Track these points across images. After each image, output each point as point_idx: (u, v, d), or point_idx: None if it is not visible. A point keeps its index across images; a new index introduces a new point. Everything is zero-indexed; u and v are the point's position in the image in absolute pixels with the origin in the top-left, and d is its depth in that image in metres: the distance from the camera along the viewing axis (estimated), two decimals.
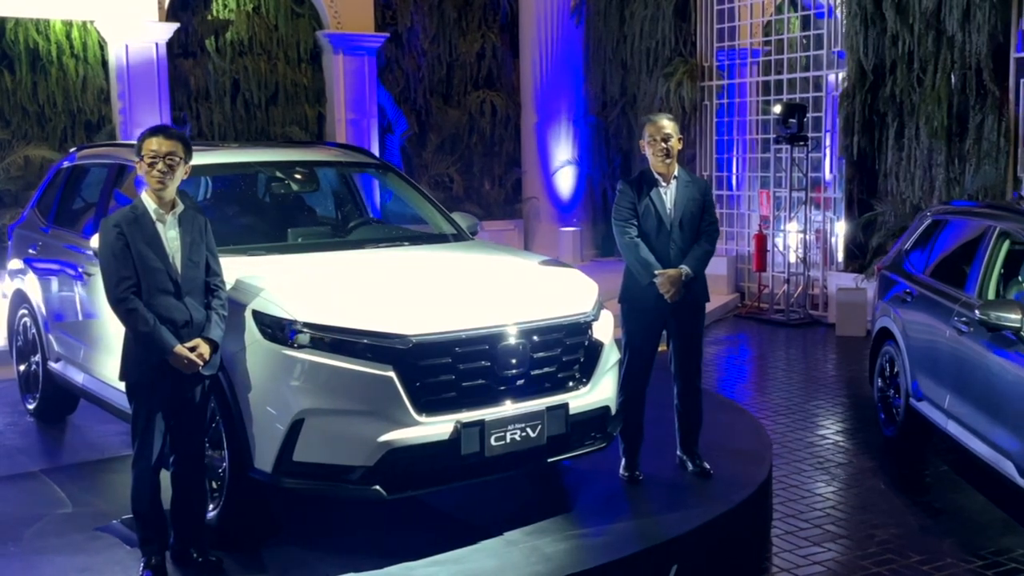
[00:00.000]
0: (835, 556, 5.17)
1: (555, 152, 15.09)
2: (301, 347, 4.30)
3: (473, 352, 4.42)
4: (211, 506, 4.55)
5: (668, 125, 5.19)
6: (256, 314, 4.41)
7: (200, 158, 4.70)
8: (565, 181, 15.16)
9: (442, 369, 4.36)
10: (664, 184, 5.25)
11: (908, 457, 6.72)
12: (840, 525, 5.58)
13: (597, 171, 15.24)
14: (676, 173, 5.28)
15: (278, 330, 4.34)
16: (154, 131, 4.19)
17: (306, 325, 4.31)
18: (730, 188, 13.45)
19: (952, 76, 10.41)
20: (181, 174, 4.17)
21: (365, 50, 13.89)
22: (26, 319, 6.78)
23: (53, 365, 6.38)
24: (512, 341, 4.50)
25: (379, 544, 4.55)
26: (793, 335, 11.18)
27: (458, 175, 15.19)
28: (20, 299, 6.84)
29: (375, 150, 13.38)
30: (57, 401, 6.58)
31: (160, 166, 4.07)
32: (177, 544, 4.30)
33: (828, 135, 12.30)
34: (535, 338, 4.58)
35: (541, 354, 4.61)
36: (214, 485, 4.60)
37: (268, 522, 4.73)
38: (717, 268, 12.08)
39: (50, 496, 5.25)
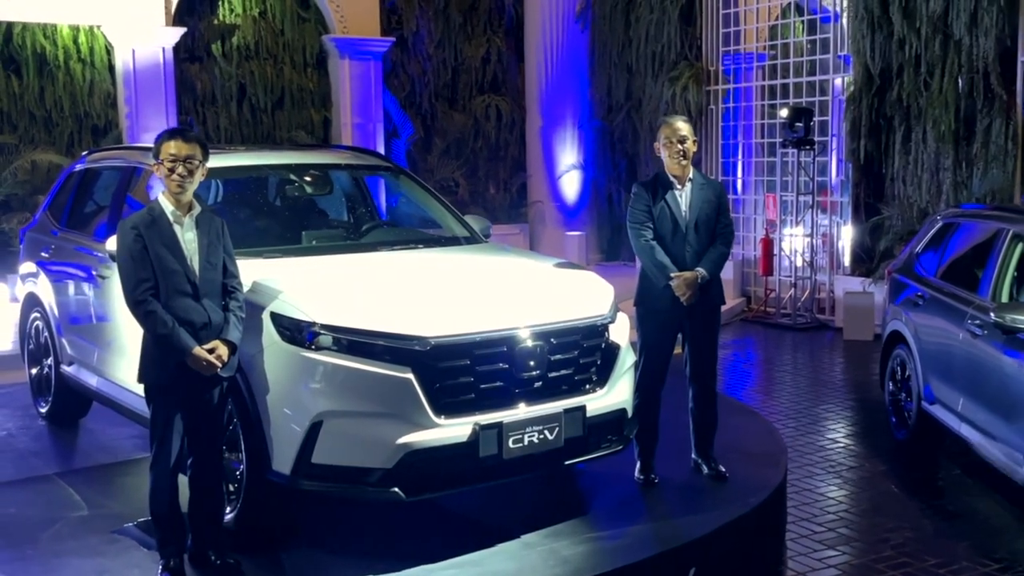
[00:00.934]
0: (850, 559, 5.17)
1: (560, 156, 15.10)
2: (319, 349, 4.29)
3: (491, 354, 4.42)
4: (228, 508, 4.54)
5: (684, 127, 5.19)
6: (274, 316, 4.40)
7: (215, 161, 4.69)
8: (570, 185, 15.18)
9: (460, 371, 4.36)
10: (679, 187, 5.25)
11: (920, 461, 6.71)
12: (854, 528, 5.57)
13: (602, 175, 15.26)
14: (691, 175, 5.28)
15: (296, 332, 4.34)
16: (172, 134, 4.19)
17: (324, 327, 4.30)
18: (735, 192, 13.46)
19: (959, 80, 10.42)
20: (199, 177, 4.17)
21: (371, 55, 13.92)
22: (38, 322, 6.78)
23: (66, 368, 6.37)
24: (530, 343, 4.50)
25: (397, 547, 4.55)
26: (800, 339, 11.18)
27: (463, 179, 15.22)
28: (32, 302, 6.83)
29: None
30: (70, 404, 6.58)
31: (180, 169, 4.07)
32: (195, 546, 4.29)
33: (834, 139, 12.31)
34: (552, 340, 4.58)
35: (558, 356, 4.60)
36: (231, 487, 4.60)
37: (286, 524, 4.72)
38: (723, 272, 12.07)
39: (65, 499, 5.25)
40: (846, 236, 12.10)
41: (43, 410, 6.79)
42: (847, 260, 12.05)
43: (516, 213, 15.56)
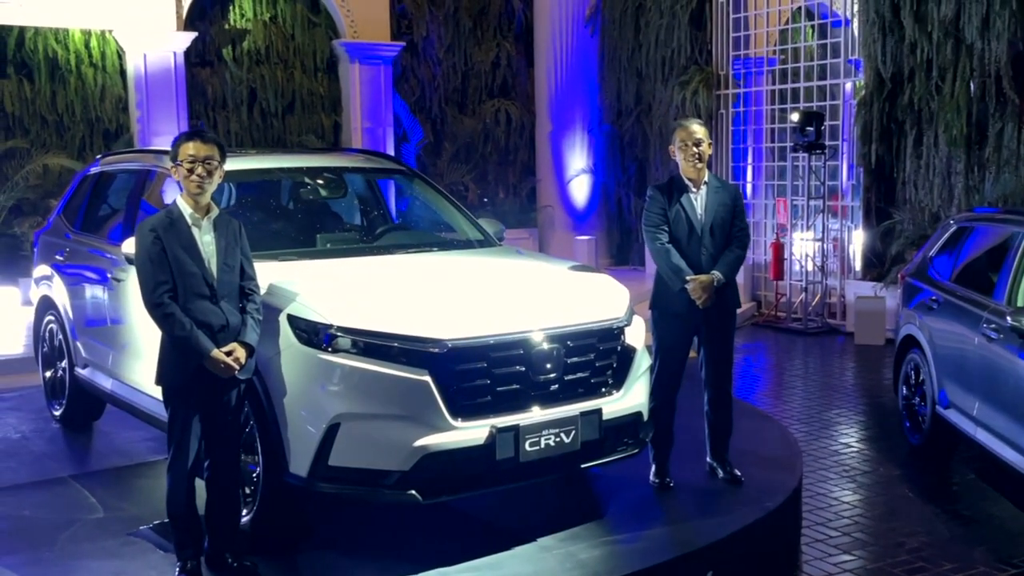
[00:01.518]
0: (865, 563, 5.14)
1: (570, 161, 15.11)
2: (336, 351, 4.29)
3: (508, 357, 4.42)
4: (244, 510, 4.54)
5: (699, 130, 5.19)
6: (291, 318, 4.41)
7: (230, 164, 4.70)
8: (580, 190, 15.18)
9: (477, 373, 4.36)
10: (695, 190, 5.24)
11: (935, 465, 6.69)
12: (869, 533, 5.55)
13: (612, 180, 15.26)
14: (706, 178, 5.28)
15: (313, 334, 4.34)
16: (190, 136, 4.21)
17: (341, 329, 4.31)
18: (745, 196, 13.44)
19: (971, 84, 10.40)
20: (218, 178, 4.19)
21: (381, 59, 13.95)
22: (52, 325, 6.79)
23: (80, 371, 6.38)
24: (546, 346, 4.50)
25: (413, 549, 4.55)
26: (811, 344, 11.16)
27: (473, 184, 15.24)
28: (47, 305, 6.85)
29: None
30: (84, 407, 6.59)
31: (199, 170, 4.08)
32: (211, 548, 4.29)
33: (845, 143, 12.30)
34: (569, 343, 4.58)
35: (575, 359, 4.60)
36: (247, 490, 4.60)
37: (302, 527, 4.72)
38: None
39: (81, 502, 5.25)
40: (857, 240, 12.07)
41: (57, 413, 6.81)
42: (858, 264, 12.03)
43: (525, 217, 15.56)
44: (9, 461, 6.10)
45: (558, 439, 4.49)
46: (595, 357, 4.69)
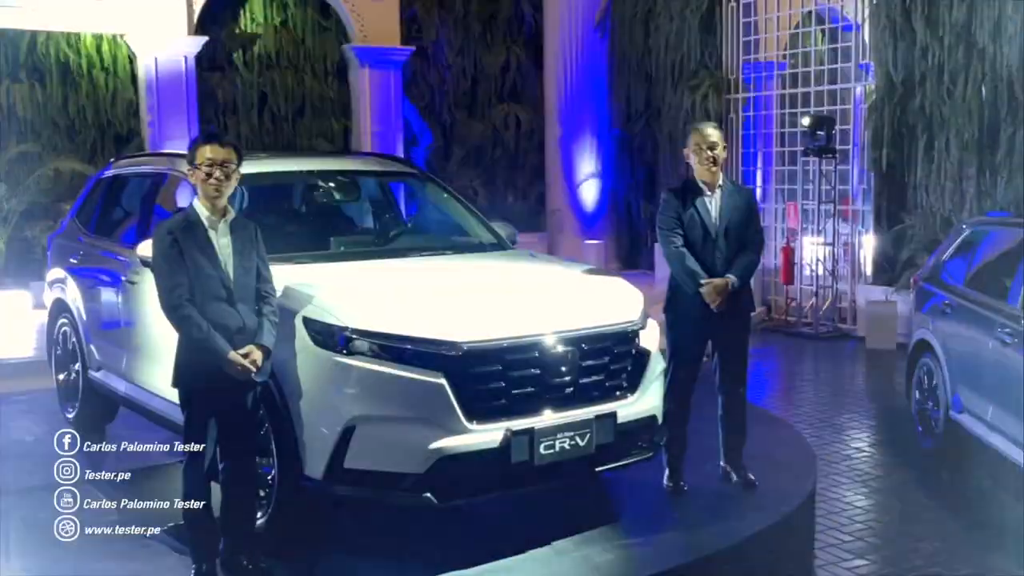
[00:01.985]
0: (879, 569, 5.14)
1: (579, 165, 15.11)
2: (352, 354, 4.30)
3: (523, 360, 4.42)
4: (259, 513, 4.54)
5: (714, 133, 5.19)
6: (307, 321, 4.41)
7: (246, 167, 4.71)
8: (589, 194, 15.18)
9: (492, 376, 4.35)
10: (709, 193, 5.23)
11: (948, 470, 6.67)
12: (883, 537, 5.55)
13: (621, 184, 15.25)
14: (720, 182, 5.27)
15: (329, 337, 4.34)
16: (207, 139, 4.21)
17: (357, 332, 4.31)
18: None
19: (983, 88, 10.37)
20: (235, 181, 4.20)
21: (391, 63, 13.98)
22: (66, 328, 6.80)
23: (94, 374, 6.39)
24: (561, 349, 4.49)
25: (428, 552, 4.54)
26: (822, 348, 11.13)
27: (482, 188, 15.26)
28: (60, 308, 6.86)
29: None
30: (97, 410, 6.59)
31: (217, 174, 4.09)
32: (226, 551, 4.29)
33: (855, 148, 12.28)
34: (584, 346, 4.57)
35: (589, 362, 4.59)
36: (262, 493, 4.59)
37: (317, 529, 4.72)
38: None
39: (95, 504, 5.24)
40: (868, 245, 12.05)
41: (70, 415, 6.81)
42: (869, 269, 12.00)
43: (535, 222, 15.57)
44: (23, 463, 6.10)
45: (573, 442, 4.48)
46: (610, 360, 4.68)
